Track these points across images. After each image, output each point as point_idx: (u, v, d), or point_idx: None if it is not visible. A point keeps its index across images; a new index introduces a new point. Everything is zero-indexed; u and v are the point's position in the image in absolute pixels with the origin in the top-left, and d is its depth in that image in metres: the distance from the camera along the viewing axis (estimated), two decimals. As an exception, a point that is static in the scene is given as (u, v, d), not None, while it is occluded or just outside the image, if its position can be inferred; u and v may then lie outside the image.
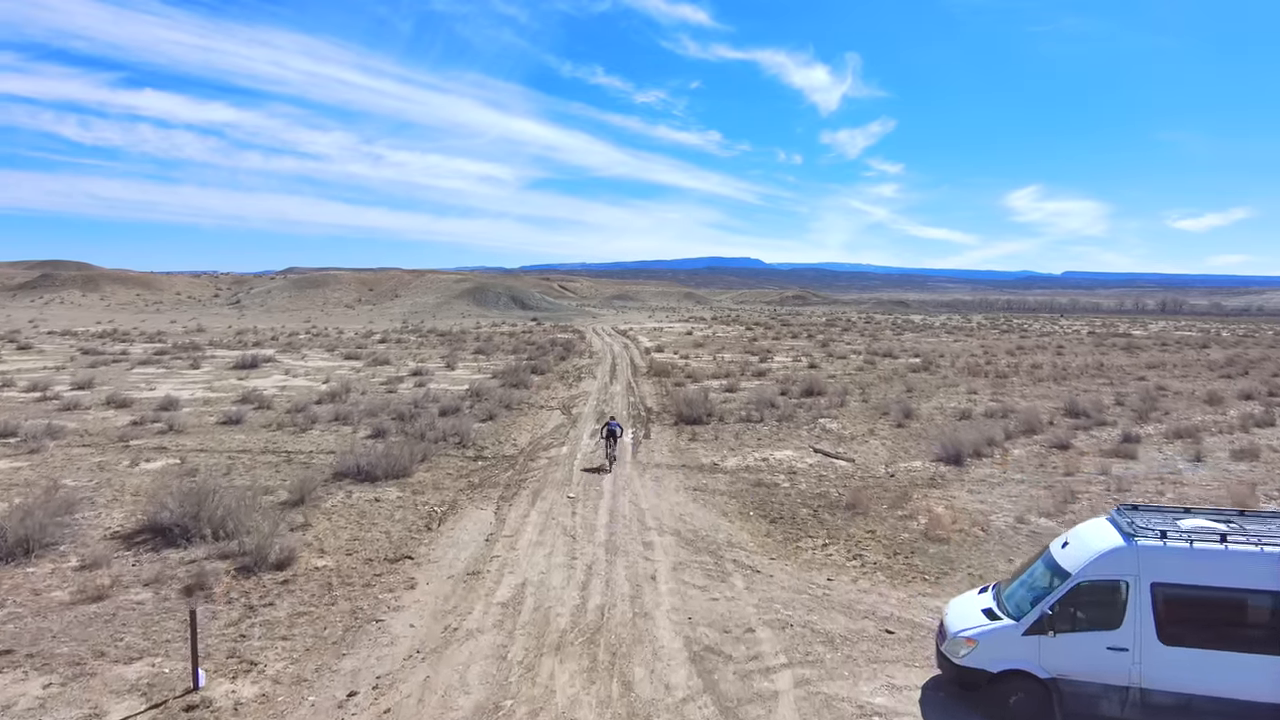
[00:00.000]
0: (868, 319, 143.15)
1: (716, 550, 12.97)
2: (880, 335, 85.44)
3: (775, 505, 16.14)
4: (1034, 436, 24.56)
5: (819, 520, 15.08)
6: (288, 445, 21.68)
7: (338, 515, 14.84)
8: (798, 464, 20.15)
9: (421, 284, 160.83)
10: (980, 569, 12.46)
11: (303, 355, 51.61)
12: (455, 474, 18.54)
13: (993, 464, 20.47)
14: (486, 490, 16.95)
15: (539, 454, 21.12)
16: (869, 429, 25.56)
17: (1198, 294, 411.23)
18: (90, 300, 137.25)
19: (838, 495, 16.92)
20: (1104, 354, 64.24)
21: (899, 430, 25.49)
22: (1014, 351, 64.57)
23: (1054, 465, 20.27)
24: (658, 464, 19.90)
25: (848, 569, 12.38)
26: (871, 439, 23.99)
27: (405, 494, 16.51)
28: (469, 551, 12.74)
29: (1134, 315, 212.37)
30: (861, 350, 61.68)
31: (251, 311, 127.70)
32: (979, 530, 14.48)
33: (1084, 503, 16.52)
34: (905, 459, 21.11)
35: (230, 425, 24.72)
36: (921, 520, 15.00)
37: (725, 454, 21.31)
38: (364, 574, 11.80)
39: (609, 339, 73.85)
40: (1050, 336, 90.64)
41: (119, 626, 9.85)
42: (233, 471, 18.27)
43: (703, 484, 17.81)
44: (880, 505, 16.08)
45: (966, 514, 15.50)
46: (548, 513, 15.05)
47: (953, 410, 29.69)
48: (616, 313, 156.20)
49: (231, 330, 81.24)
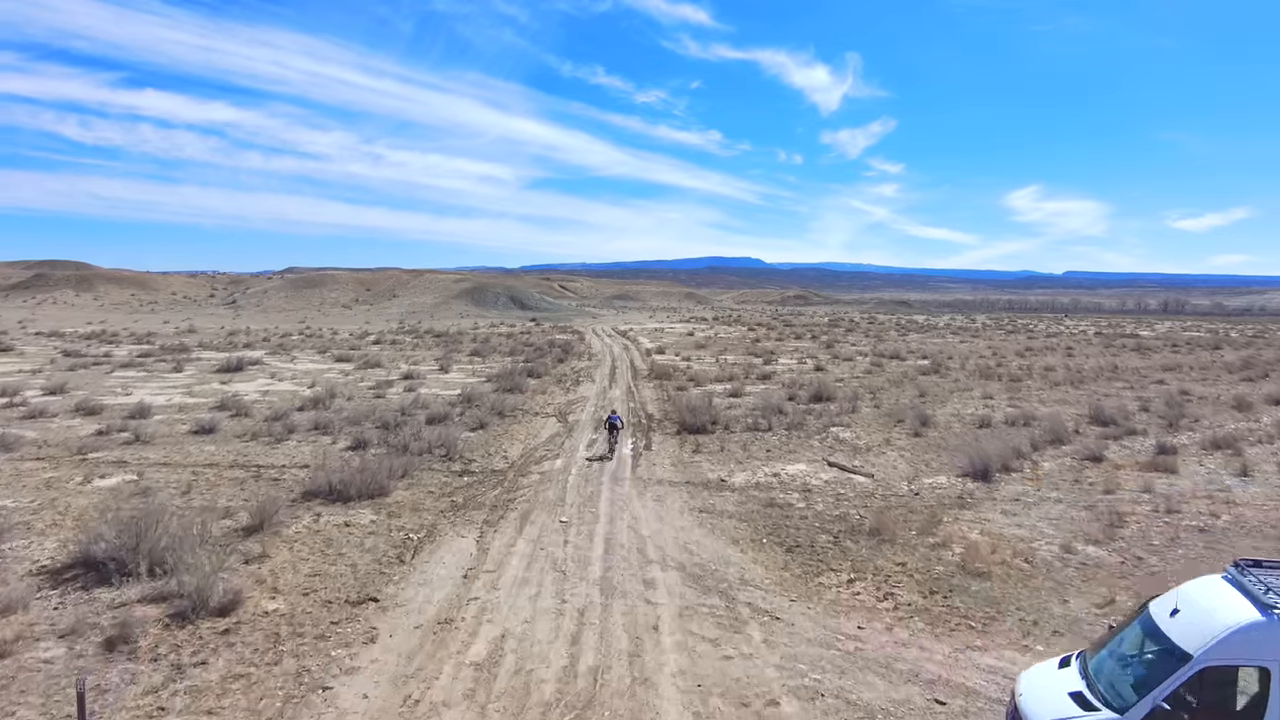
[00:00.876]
0: (870, 319, 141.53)
1: (728, 590, 11.32)
2: (885, 336, 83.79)
3: (791, 530, 14.49)
4: (1062, 447, 22.92)
5: (841, 549, 13.43)
6: (260, 458, 20.04)
7: (301, 544, 13.20)
8: (812, 480, 18.50)
9: (420, 284, 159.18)
10: (1031, 612, 10.82)
11: (292, 357, 49.97)
12: (438, 492, 16.90)
13: (1024, 479, 18.82)
14: (470, 512, 15.29)
15: (530, 468, 19.48)
16: (884, 438, 23.91)
17: (1199, 294, 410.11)
18: (84, 300, 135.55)
19: (859, 518, 15.28)
20: (1115, 355, 62.61)
21: (916, 440, 23.85)
22: (1023, 353, 62.94)
23: (1090, 481, 18.62)
24: (659, 480, 18.26)
25: (879, 613, 10.73)
26: (888, 450, 22.35)
27: (380, 517, 14.87)
28: (443, 592, 11.08)
29: (1137, 315, 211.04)
30: (867, 352, 60.04)
31: (247, 312, 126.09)
32: (1023, 562, 12.83)
33: (1133, 527, 14.88)
34: (928, 473, 19.47)
35: (202, 435, 23.08)
36: (956, 549, 13.35)
37: (733, 468, 19.67)
38: (319, 621, 10.16)
39: (609, 340, 72.21)
40: (1057, 337, 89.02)
41: (15, 696, 8.21)
42: (193, 490, 16.63)
43: (709, 504, 16.16)
44: (908, 530, 14.44)
45: (1005, 541, 13.85)
46: (536, 540, 13.40)
47: (971, 417, 28.04)
48: (617, 313, 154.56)
49: (224, 331, 79.63)
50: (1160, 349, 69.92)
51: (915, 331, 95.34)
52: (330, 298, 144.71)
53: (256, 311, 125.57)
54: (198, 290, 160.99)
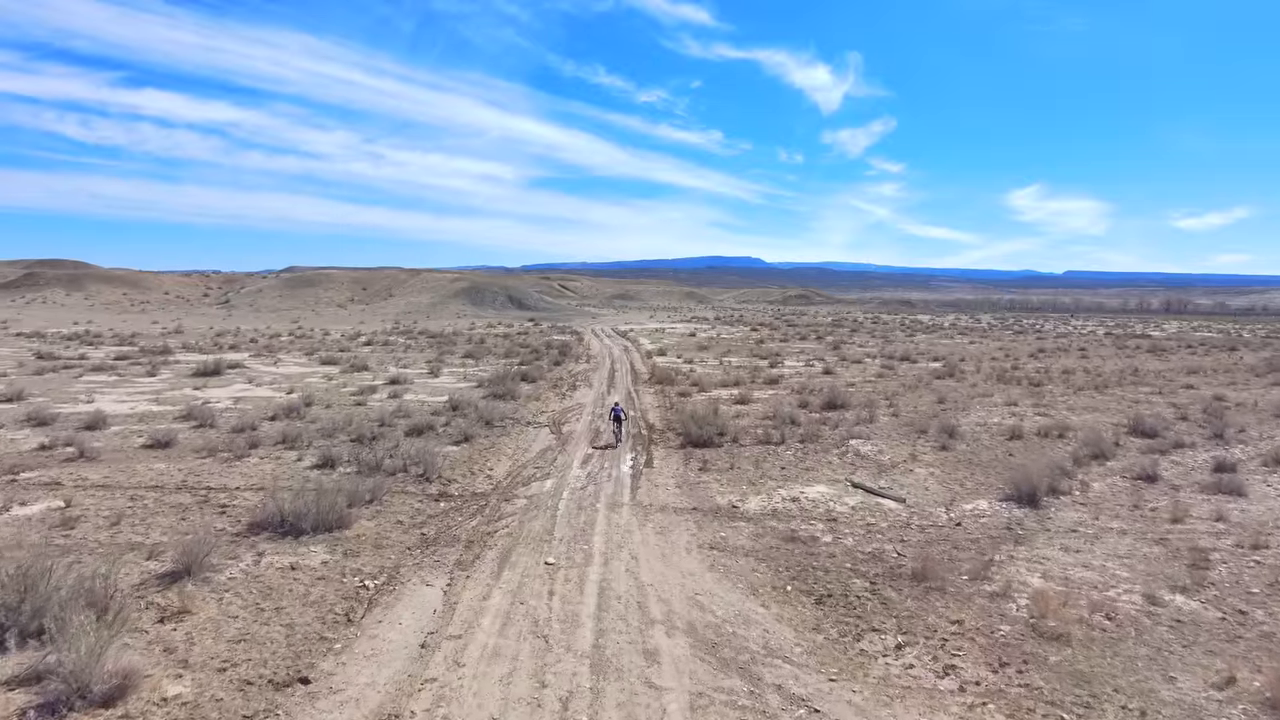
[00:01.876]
0: (875, 319, 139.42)
1: (751, 664, 9.08)
2: (891, 337, 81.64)
3: (818, 574, 12.26)
4: (1107, 463, 20.71)
5: (882, 600, 11.20)
6: (213, 478, 17.81)
7: (233, 594, 10.97)
8: (836, 506, 16.27)
9: (417, 283, 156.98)
10: (1134, 696, 8.59)
11: (277, 360, 47.75)
12: (408, 522, 14.67)
13: (1075, 503, 16.59)
14: (441, 550, 13.06)
15: (517, 490, 17.25)
16: (910, 453, 21.69)
17: (1200, 293, 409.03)
18: (74, 300, 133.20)
19: (896, 557, 13.05)
20: (1131, 357, 60.45)
21: (944, 454, 21.63)
22: (1036, 355, 60.79)
23: (1151, 507, 16.39)
24: (663, 506, 16.03)
25: (943, 698, 8.50)
26: (915, 467, 20.13)
27: (335, 556, 12.65)
28: (392, 669, 8.84)
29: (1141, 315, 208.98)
30: (876, 354, 57.86)
31: (240, 312, 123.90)
32: (1103, 619, 10.60)
33: (1220, 568, 12.65)
34: (965, 497, 17.23)
35: (156, 450, 20.86)
36: (1020, 600, 11.13)
37: (745, 490, 17.43)
38: (230, 714, 7.94)
39: (608, 341, 70.01)
40: (1068, 338, 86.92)
41: None
42: (124, 521, 14.39)
43: (721, 538, 13.93)
44: (957, 574, 12.21)
45: (1076, 589, 11.62)
46: (516, 591, 11.16)
47: (998, 427, 25.83)
48: (617, 312, 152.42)
49: (212, 332, 77.44)
50: (1175, 350, 67.75)
51: (922, 332, 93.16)
52: (325, 297, 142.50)
53: (249, 311, 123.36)
54: (191, 290, 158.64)
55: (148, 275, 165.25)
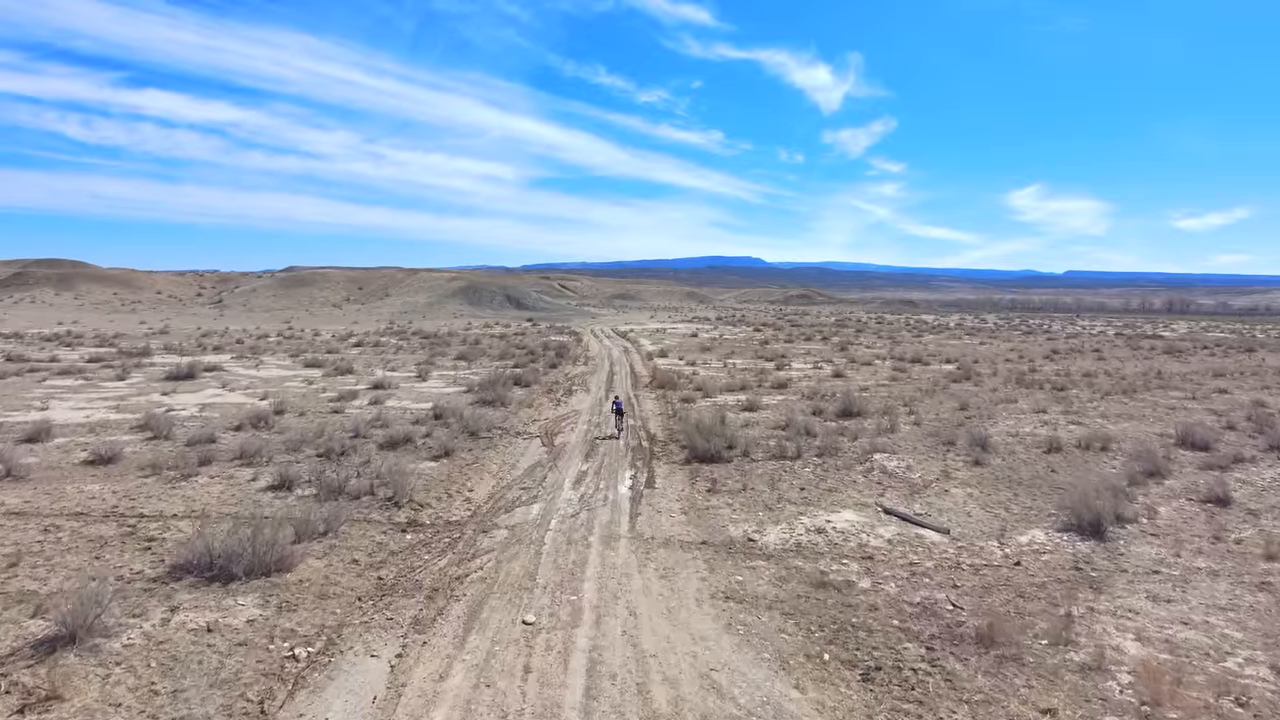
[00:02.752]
0: (879, 319, 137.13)
1: (789, 787, 6.79)
2: (898, 337, 79.36)
3: (860, 635, 9.94)
4: (1165, 482, 18.38)
5: (945, 676, 8.89)
6: (149, 503, 15.48)
7: (125, 671, 8.67)
8: (870, 539, 13.94)
9: (414, 283, 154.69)
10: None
11: (258, 362, 45.43)
12: (365, 561, 12.36)
13: (1146, 534, 14.28)
14: (398, 603, 10.74)
15: (497, 518, 14.93)
16: (941, 469, 19.38)
17: (1201, 293, 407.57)
18: (63, 300, 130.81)
19: (952, 610, 10.73)
20: (1148, 359, 58.16)
21: (980, 471, 19.32)
22: (1051, 356, 58.48)
23: (1235, 538, 14.08)
24: (667, 539, 13.70)
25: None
26: (950, 486, 17.82)
27: (266, 612, 10.33)
28: (304, 799, 6.55)
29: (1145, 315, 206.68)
30: (885, 355, 55.54)
31: (232, 312, 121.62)
32: (1233, 705, 8.30)
33: (1351, 626, 10.35)
34: (1015, 525, 14.92)
35: (96, 466, 18.55)
36: (1121, 677, 8.82)
37: (761, 518, 15.11)
38: None
39: (607, 342, 67.72)
40: (1078, 338, 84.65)
41: None
42: (25, 560, 12.06)
43: (737, 584, 11.60)
44: (1032, 635, 9.89)
45: (1183, 656, 9.32)
46: (482, 667, 8.84)
47: (1032, 438, 23.54)
48: (617, 312, 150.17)
49: (199, 332, 75.17)
50: (1192, 351, 65.40)
51: (928, 332, 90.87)
52: (320, 297, 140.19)
53: (242, 311, 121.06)
54: (184, 290, 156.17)
55: (140, 275, 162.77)
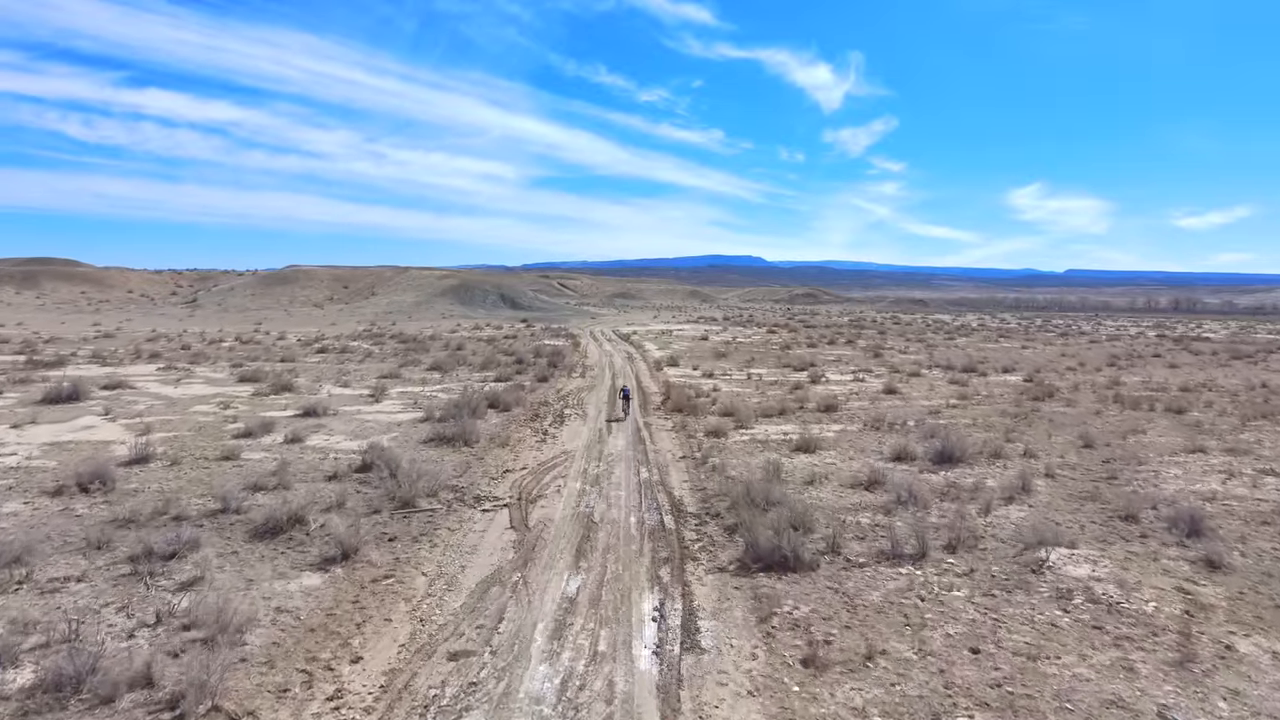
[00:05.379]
0: (894, 319, 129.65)
1: None
2: (928, 340, 71.76)
3: None
4: None
5: None
6: None
7: None
8: None
9: (403, 281, 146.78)
10: None
11: (185, 375, 37.57)
12: None
13: None
14: None
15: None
16: (1166, 581, 11.62)
17: (1203, 292, 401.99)
18: (23, 299, 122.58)
19: None
20: (1227, 365, 50.59)
21: (1227, 582, 11.59)
22: (1115, 363, 50.86)
23: None
24: None
25: None
26: (1212, 626, 10.07)
27: None
28: None
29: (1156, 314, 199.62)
30: (927, 362, 47.88)
31: (204, 311, 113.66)
32: None
33: None
34: None
35: None
36: None
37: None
38: None
39: (608, 346, 59.90)
40: (1120, 340, 77.19)
41: None
42: None
43: None
44: None
45: None
46: None
47: (1239, 503, 15.86)
48: (618, 312, 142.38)
49: (150, 335, 67.29)
50: (1263, 356, 57.73)
51: (955, 334, 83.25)
52: (302, 296, 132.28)
53: (215, 311, 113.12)
54: (159, 288, 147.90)
55: (113, 272, 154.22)
